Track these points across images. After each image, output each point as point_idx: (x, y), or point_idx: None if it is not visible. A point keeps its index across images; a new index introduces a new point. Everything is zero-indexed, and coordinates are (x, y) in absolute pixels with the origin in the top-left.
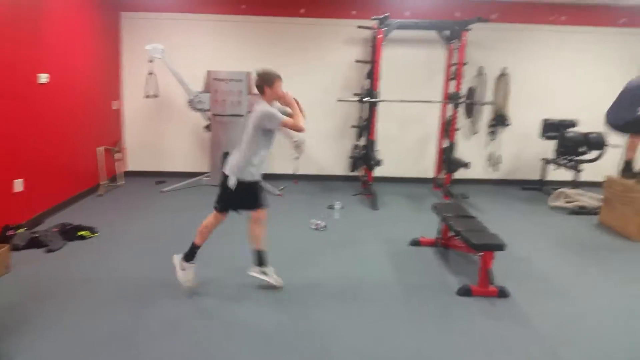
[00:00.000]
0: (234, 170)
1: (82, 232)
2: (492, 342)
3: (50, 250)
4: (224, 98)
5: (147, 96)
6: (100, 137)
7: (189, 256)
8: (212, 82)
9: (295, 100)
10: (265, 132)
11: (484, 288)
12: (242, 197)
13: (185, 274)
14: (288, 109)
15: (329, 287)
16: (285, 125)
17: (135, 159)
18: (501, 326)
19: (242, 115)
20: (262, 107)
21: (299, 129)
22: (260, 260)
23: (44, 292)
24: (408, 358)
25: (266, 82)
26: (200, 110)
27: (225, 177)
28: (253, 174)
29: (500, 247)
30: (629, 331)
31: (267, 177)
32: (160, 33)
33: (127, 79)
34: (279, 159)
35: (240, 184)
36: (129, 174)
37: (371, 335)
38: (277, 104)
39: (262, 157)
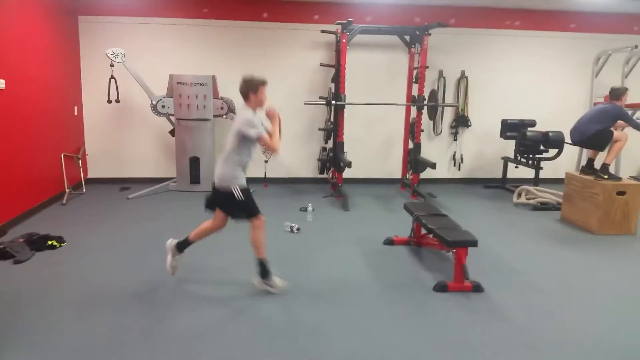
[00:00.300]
0: (228, 181)
1: (51, 242)
2: (471, 336)
3: (17, 262)
4: (188, 102)
5: (109, 101)
6: (63, 144)
7: (181, 246)
8: (175, 86)
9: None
10: (246, 139)
11: (459, 283)
12: (244, 204)
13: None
14: (268, 125)
15: (309, 288)
16: (262, 141)
17: (97, 165)
18: (479, 320)
19: (208, 120)
20: (245, 114)
21: (273, 150)
22: (264, 271)
23: (15, 305)
24: (395, 354)
25: (251, 88)
26: (164, 114)
27: (216, 189)
28: (244, 179)
29: (473, 243)
30: (599, 319)
31: None
32: (120, 37)
33: (87, 84)
34: None
35: (242, 190)
36: (91, 181)
37: (356, 334)
38: (263, 115)
39: (247, 164)
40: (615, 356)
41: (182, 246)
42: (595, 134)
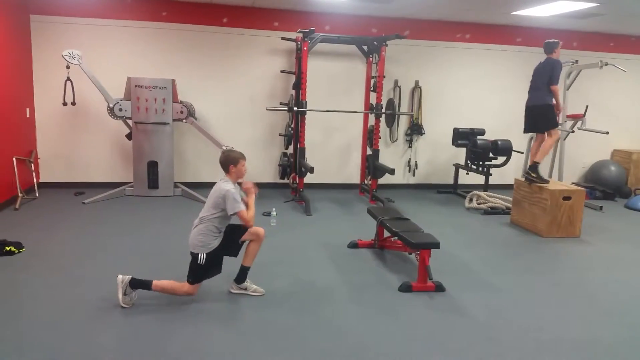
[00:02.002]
0: (199, 247)
1: (9, 248)
2: (438, 332)
3: None
4: (147, 105)
5: (65, 104)
6: (14, 147)
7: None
8: (133, 89)
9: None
10: (224, 211)
11: (423, 284)
12: (197, 270)
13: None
14: (244, 195)
15: (279, 292)
16: (240, 216)
17: (49, 169)
18: (443, 317)
19: (167, 123)
20: (226, 186)
21: (248, 224)
22: (242, 277)
23: None
24: (366, 352)
25: (231, 162)
26: (121, 117)
27: (193, 255)
28: (217, 242)
29: (436, 245)
30: (550, 314)
31: (196, 185)
32: (76, 39)
33: (39, 85)
34: (207, 167)
35: (209, 255)
36: (44, 185)
37: (327, 334)
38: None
39: (224, 226)
40: (567, 346)
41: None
42: (544, 106)
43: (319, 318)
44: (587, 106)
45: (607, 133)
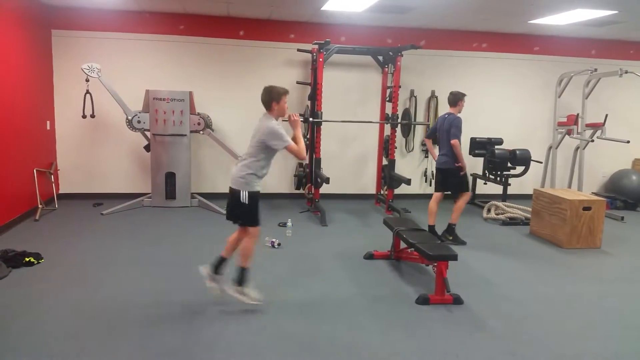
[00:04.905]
0: (241, 184)
1: (28, 259)
2: (457, 347)
3: None
4: (164, 117)
5: (84, 116)
6: (35, 159)
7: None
8: (152, 101)
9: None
10: (269, 149)
11: (440, 296)
12: (248, 209)
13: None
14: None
15: (294, 303)
16: (289, 149)
17: (68, 180)
18: (461, 331)
19: (184, 135)
20: (270, 123)
21: (302, 157)
22: (242, 279)
23: None
24: None
25: (273, 97)
26: (139, 130)
27: (234, 192)
28: (259, 185)
29: (453, 257)
30: (571, 327)
31: (213, 196)
32: (95, 52)
33: (60, 98)
34: (224, 177)
35: (251, 196)
36: (63, 197)
37: (342, 347)
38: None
39: (266, 171)
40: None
41: (217, 267)
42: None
43: (334, 331)
44: (606, 115)
45: (628, 142)
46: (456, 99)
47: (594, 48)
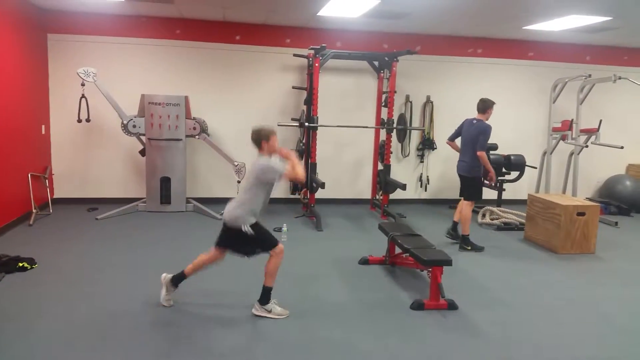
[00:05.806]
0: (238, 221)
1: (22, 264)
2: (451, 352)
3: None
4: (160, 122)
5: (80, 120)
6: (29, 163)
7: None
8: (147, 105)
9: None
10: (266, 183)
11: (435, 302)
12: (260, 236)
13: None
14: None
15: (288, 308)
16: (287, 176)
17: (63, 185)
18: (456, 336)
19: (180, 140)
20: (262, 160)
21: (300, 179)
22: (268, 298)
23: None
24: None
25: (263, 137)
26: (135, 134)
27: (227, 226)
28: (254, 219)
29: (448, 262)
30: (566, 332)
31: (208, 201)
32: (90, 56)
33: (55, 102)
34: (219, 182)
35: (252, 226)
36: (58, 201)
37: (337, 353)
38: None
39: (264, 204)
40: None
41: (177, 280)
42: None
43: (329, 336)
44: (600, 120)
45: (622, 147)
46: (486, 107)
47: (589, 54)
